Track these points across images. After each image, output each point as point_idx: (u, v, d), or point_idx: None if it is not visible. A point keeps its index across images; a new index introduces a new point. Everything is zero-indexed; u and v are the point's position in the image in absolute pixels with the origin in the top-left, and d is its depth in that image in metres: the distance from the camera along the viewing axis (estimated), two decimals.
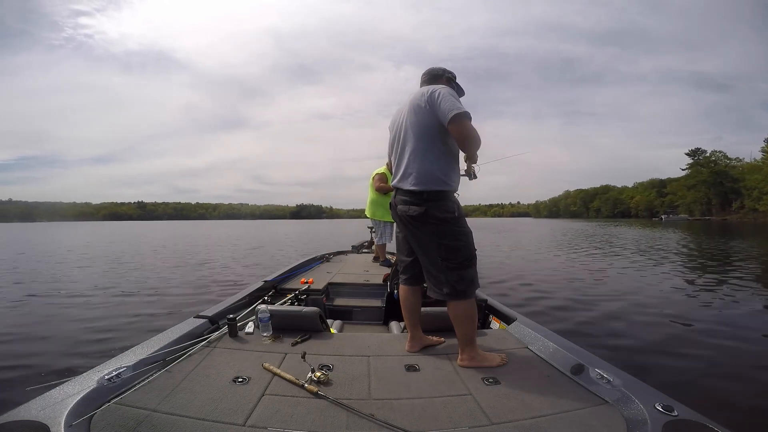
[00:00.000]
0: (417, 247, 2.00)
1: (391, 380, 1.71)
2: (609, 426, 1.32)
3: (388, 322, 3.00)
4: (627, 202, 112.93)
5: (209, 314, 2.40)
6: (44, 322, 4.45)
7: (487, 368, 1.82)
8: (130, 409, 1.38)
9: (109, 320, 4.47)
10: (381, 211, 5.07)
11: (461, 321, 1.89)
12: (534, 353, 2.02)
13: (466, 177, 2.14)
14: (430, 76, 2.12)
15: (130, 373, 1.59)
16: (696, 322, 4.30)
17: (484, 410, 1.44)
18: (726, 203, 76.46)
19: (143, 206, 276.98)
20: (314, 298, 3.40)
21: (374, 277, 4.11)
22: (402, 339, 2.18)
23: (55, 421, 1.23)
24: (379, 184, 4.87)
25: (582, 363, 1.73)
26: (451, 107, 1.79)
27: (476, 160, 2.10)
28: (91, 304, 5.38)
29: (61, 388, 1.43)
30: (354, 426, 1.33)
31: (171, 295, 6.08)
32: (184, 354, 1.85)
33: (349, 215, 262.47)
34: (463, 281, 1.87)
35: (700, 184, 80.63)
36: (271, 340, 2.14)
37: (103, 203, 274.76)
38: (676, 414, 1.30)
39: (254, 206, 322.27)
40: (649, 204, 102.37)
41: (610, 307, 4.99)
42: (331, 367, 1.79)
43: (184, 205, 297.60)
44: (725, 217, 68.36)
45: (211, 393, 1.52)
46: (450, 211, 1.88)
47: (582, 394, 1.56)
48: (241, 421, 1.33)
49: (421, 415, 1.41)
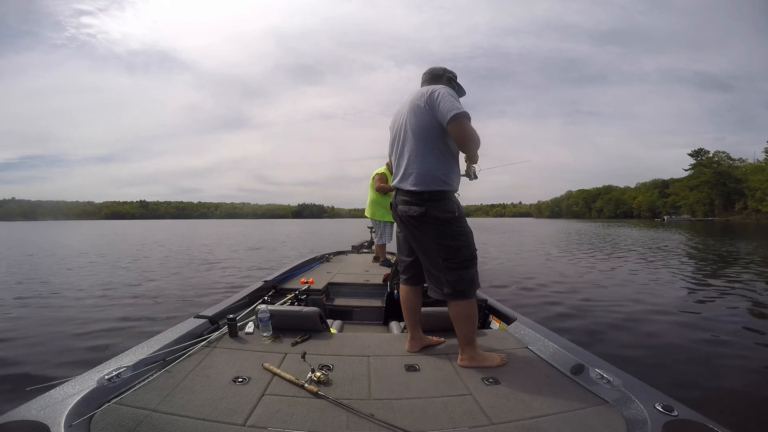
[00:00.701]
0: (417, 247, 2.00)
1: (391, 380, 1.71)
2: (609, 426, 1.32)
3: (388, 322, 3.00)
4: (629, 203, 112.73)
5: (209, 314, 2.40)
6: (45, 321, 4.44)
7: (487, 368, 1.82)
8: (130, 409, 1.38)
9: (110, 320, 4.47)
10: (381, 211, 5.07)
11: (461, 321, 1.89)
12: (534, 353, 2.01)
13: (466, 177, 2.14)
14: (430, 76, 2.12)
15: (130, 373, 1.59)
16: (697, 322, 4.29)
17: (484, 410, 1.44)
18: (729, 204, 76.24)
19: (145, 205, 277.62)
20: (314, 298, 3.40)
21: (374, 277, 4.11)
22: (402, 339, 2.18)
23: (55, 421, 1.23)
24: (379, 184, 4.88)
25: (582, 363, 1.73)
26: (450, 108, 1.78)
27: (477, 161, 2.10)
28: (92, 304, 5.38)
29: (61, 388, 1.43)
30: (354, 426, 1.33)
31: (171, 294, 6.08)
32: (184, 354, 1.85)
33: (351, 215, 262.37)
34: (464, 281, 1.88)
35: (703, 184, 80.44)
36: (271, 340, 2.14)
37: (105, 202, 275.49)
38: (676, 414, 1.30)
39: (256, 206, 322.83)
40: (651, 204, 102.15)
41: (610, 308, 4.97)
42: (331, 367, 1.79)
43: (186, 205, 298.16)
44: (728, 218, 68.11)
45: (211, 393, 1.52)
46: (450, 211, 1.88)
47: (582, 394, 1.56)
48: (241, 421, 1.33)
49: (421, 415, 1.40)
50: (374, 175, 5.02)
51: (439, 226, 1.87)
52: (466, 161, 2.11)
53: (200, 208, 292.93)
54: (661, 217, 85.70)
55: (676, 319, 4.41)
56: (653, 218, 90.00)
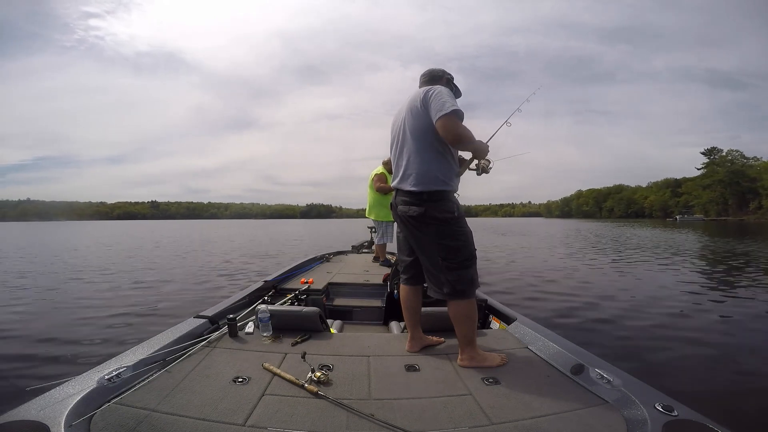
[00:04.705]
0: (417, 246, 2.01)
1: (391, 380, 1.71)
2: (609, 426, 1.32)
3: (388, 322, 2.99)
4: (641, 202, 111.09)
5: (209, 314, 2.41)
6: (45, 321, 4.48)
7: (487, 368, 1.81)
8: (130, 409, 1.39)
9: (110, 319, 4.50)
10: (382, 212, 5.08)
11: (461, 321, 1.89)
12: (534, 353, 2.01)
13: (474, 172, 2.14)
14: (430, 77, 2.12)
15: (130, 373, 1.60)
16: (697, 322, 4.27)
17: (484, 410, 1.43)
18: (743, 203, 74.86)
19: (156, 206, 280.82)
20: (314, 298, 3.41)
21: (374, 277, 4.11)
22: (402, 339, 2.18)
23: (55, 421, 1.24)
24: (378, 184, 4.90)
25: (582, 363, 1.72)
26: (440, 107, 1.79)
27: (483, 156, 2.08)
28: (92, 303, 5.42)
29: (61, 388, 1.44)
30: (354, 426, 1.33)
31: (172, 295, 6.13)
32: (184, 354, 1.86)
33: (358, 215, 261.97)
34: (463, 281, 1.88)
35: (716, 183, 79.08)
36: (271, 340, 2.14)
37: (117, 203, 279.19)
38: (676, 414, 1.29)
39: (264, 206, 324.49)
40: (663, 204, 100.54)
41: (611, 308, 4.94)
42: (331, 367, 1.80)
43: (196, 205, 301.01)
44: (742, 218, 66.86)
45: (211, 393, 1.52)
46: (450, 211, 1.88)
47: (582, 394, 1.55)
48: (241, 421, 1.33)
49: (421, 415, 1.40)
50: (373, 175, 5.04)
51: (439, 226, 1.88)
52: (473, 158, 2.10)
53: (210, 209, 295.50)
54: (673, 217, 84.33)
55: (676, 320, 4.38)
56: (665, 218, 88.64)
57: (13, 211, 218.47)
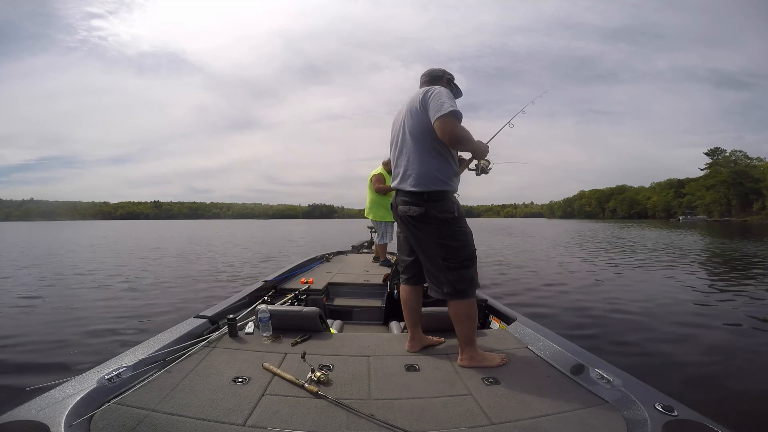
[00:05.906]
0: (417, 246, 2.01)
1: (391, 380, 1.70)
2: (609, 426, 1.32)
3: (388, 322, 2.99)
4: (644, 203, 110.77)
5: (209, 314, 2.41)
6: (45, 321, 4.47)
7: (487, 368, 1.81)
8: (130, 409, 1.38)
9: (110, 320, 4.49)
10: (381, 212, 5.08)
11: (461, 321, 1.89)
12: (534, 353, 2.00)
13: (474, 171, 2.14)
14: (430, 77, 2.12)
15: (130, 373, 1.60)
16: (698, 322, 4.26)
17: (484, 410, 1.43)
18: (746, 204, 74.56)
19: (159, 206, 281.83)
20: (314, 298, 3.41)
21: (374, 277, 4.11)
22: (402, 339, 2.18)
23: (55, 421, 1.24)
24: (377, 185, 4.91)
25: (582, 363, 1.72)
26: (438, 108, 1.79)
27: (483, 156, 2.08)
28: (92, 304, 5.42)
29: (61, 388, 1.44)
30: (354, 426, 1.33)
31: (172, 295, 6.12)
32: (184, 354, 1.86)
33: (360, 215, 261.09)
34: (463, 280, 1.88)
35: (720, 184, 78.83)
36: (271, 340, 2.14)
37: (120, 203, 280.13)
38: (676, 414, 1.29)
39: (267, 206, 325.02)
40: (666, 204, 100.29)
41: (611, 308, 4.93)
42: (331, 367, 1.79)
43: (199, 205, 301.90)
44: (745, 219, 66.55)
45: (211, 393, 1.52)
46: (450, 211, 1.88)
47: (582, 394, 1.55)
48: (241, 421, 1.33)
49: (421, 415, 1.40)
50: (371, 176, 5.04)
51: (439, 226, 1.88)
52: (472, 158, 2.10)
53: (213, 209, 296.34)
54: (676, 218, 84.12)
55: (676, 319, 4.37)
56: (668, 218, 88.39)
57: (17, 210, 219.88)
